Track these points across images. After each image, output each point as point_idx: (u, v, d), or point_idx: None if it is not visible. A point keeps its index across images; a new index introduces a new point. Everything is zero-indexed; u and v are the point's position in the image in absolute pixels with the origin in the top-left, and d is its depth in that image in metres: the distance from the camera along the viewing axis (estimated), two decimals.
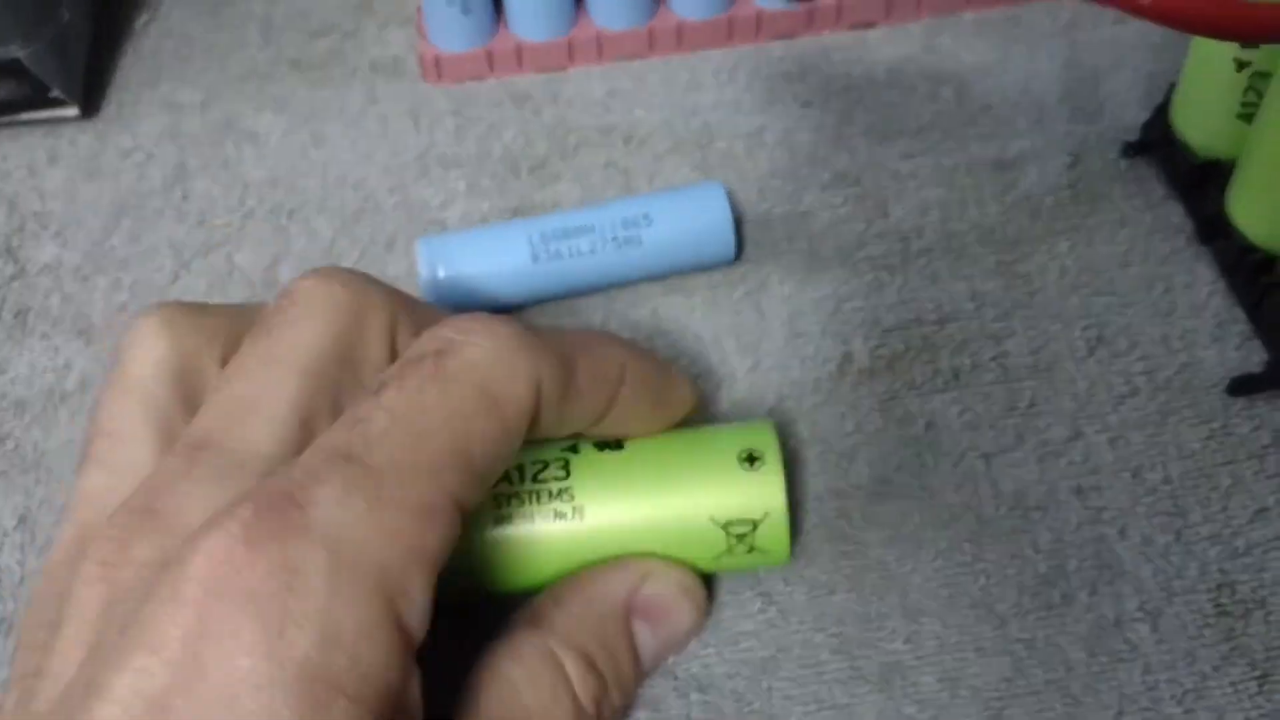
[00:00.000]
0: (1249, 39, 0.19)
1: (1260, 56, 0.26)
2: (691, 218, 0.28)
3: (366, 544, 0.17)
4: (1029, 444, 0.26)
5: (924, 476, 0.25)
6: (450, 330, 0.20)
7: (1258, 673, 0.23)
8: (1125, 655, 0.23)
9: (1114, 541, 0.24)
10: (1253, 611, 0.24)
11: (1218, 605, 0.24)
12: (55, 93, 0.33)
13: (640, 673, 0.23)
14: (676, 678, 0.23)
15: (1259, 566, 0.24)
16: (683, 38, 0.34)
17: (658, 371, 0.23)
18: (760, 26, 0.34)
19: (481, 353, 0.19)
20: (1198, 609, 0.24)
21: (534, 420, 0.20)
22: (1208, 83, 0.28)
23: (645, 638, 0.23)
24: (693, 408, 0.24)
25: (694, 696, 0.23)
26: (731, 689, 0.23)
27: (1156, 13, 0.19)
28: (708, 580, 0.24)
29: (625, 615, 0.22)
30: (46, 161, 0.33)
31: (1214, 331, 0.27)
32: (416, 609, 0.17)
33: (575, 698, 0.21)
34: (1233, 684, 0.23)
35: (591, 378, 0.21)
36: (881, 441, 0.26)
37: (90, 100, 0.34)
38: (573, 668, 0.21)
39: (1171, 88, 0.29)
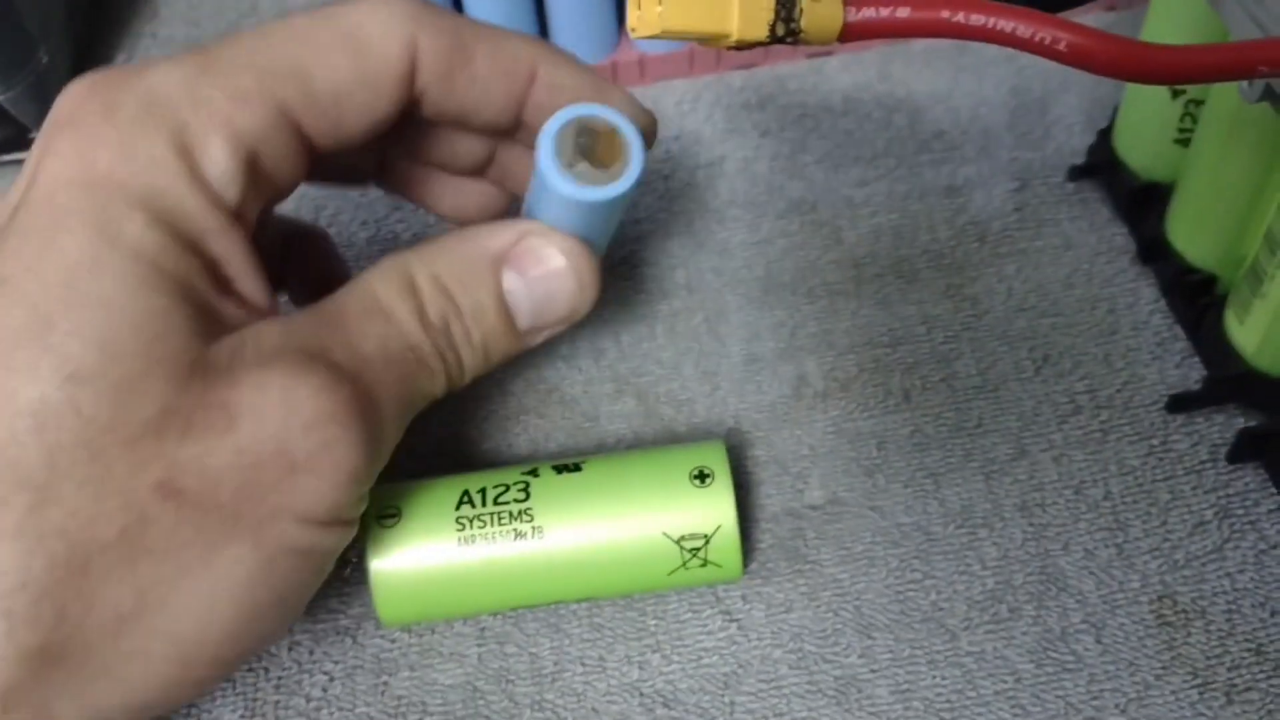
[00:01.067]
0: (1159, 82, 0.20)
1: (1194, 86, 0.27)
2: None
3: (174, 101, 0.20)
4: (976, 462, 0.27)
5: (875, 496, 0.26)
6: None
7: (1198, 681, 0.24)
8: (1070, 666, 0.24)
9: (1058, 556, 0.25)
10: (1193, 621, 0.25)
11: (1159, 616, 0.25)
12: (35, 135, 0.33)
13: (509, 322, 0.23)
14: (643, 694, 0.24)
15: (1198, 578, 0.25)
16: (645, 70, 0.35)
17: (586, 84, 0.23)
18: (720, 58, 0.35)
19: (366, 6, 0.22)
20: (1139, 620, 0.25)
21: (414, 86, 0.22)
22: (1146, 110, 0.29)
23: (517, 287, 0.23)
24: (648, 126, 0.24)
25: (660, 712, 0.24)
26: (695, 704, 0.24)
27: (1073, 58, 0.20)
28: (667, 598, 0.25)
29: (494, 261, 0.23)
30: None
31: (1154, 350, 0.28)
32: (217, 168, 0.20)
33: (422, 305, 0.22)
34: (1174, 692, 0.24)
35: (493, 67, 0.23)
36: (835, 462, 0.27)
37: None
38: (424, 283, 0.22)
39: (1115, 112, 0.30)
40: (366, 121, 0.22)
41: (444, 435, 0.28)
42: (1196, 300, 0.28)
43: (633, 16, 0.21)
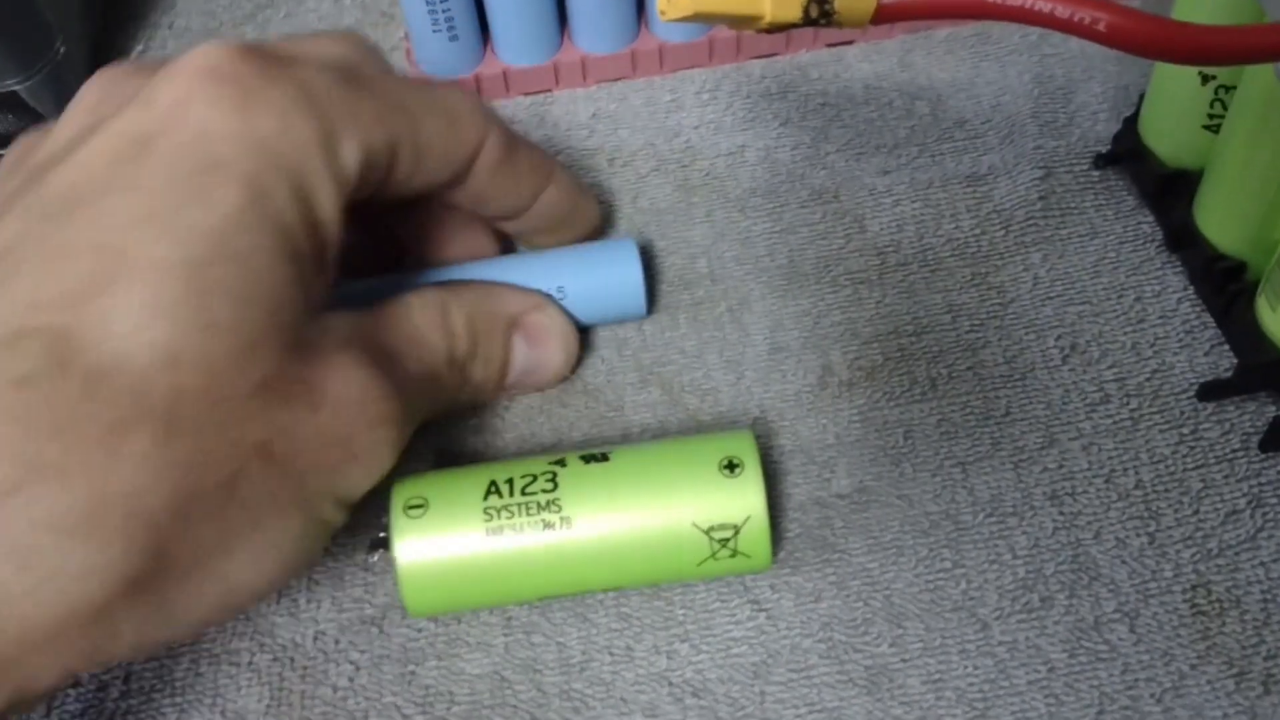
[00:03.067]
0: (1199, 63, 0.20)
1: (1224, 70, 0.27)
2: (604, 282, 0.28)
3: (326, 98, 0.21)
4: (1004, 451, 0.27)
5: (903, 485, 0.26)
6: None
7: (1234, 671, 0.24)
8: (1104, 655, 0.24)
9: (1089, 545, 0.25)
10: (1228, 611, 0.24)
11: (1193, 605, 0.24)
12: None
13: (504, 375, 0.27)
14: (671, 683, 0.24)
15: (1232, 567, 0.25)
16: (665, 59, 0.34)
17: (579, 191, 0.28)
18: (740, 47, 0.34)
19: (456, 93, 0.25)
20: (1174, 609, 0.24)
21: (472, 167, 0.25)
22: (1174, 95, 0.28)
23: (520, 350, 0.27)
24: (586, 220, 0.29)
25: (689, 701, 0.24)
26: (725, 694, 0.24)
27: (1112, 39, 0.19)
28: (695, 588, 0.25)
29: (510, 322, 0.26)
30: None
31: (1183, 338, 0.28)
32: (349, 169, 0.22)
33: (454, 336, 0.25)
34: (1210, 682, 0.24)
35: (529, 169, 0.26)
36: (862, 451, 0.27)
37: None
38: (459, 326, 0.25)
39: (1141, 99, 0.30)
40: (428, 183, 0.24)
41: (468, 425, 0.28)
42: (1226, 287, 0.27)
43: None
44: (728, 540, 0.24)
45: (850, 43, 0.35)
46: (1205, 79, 0.27)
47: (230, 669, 0.25)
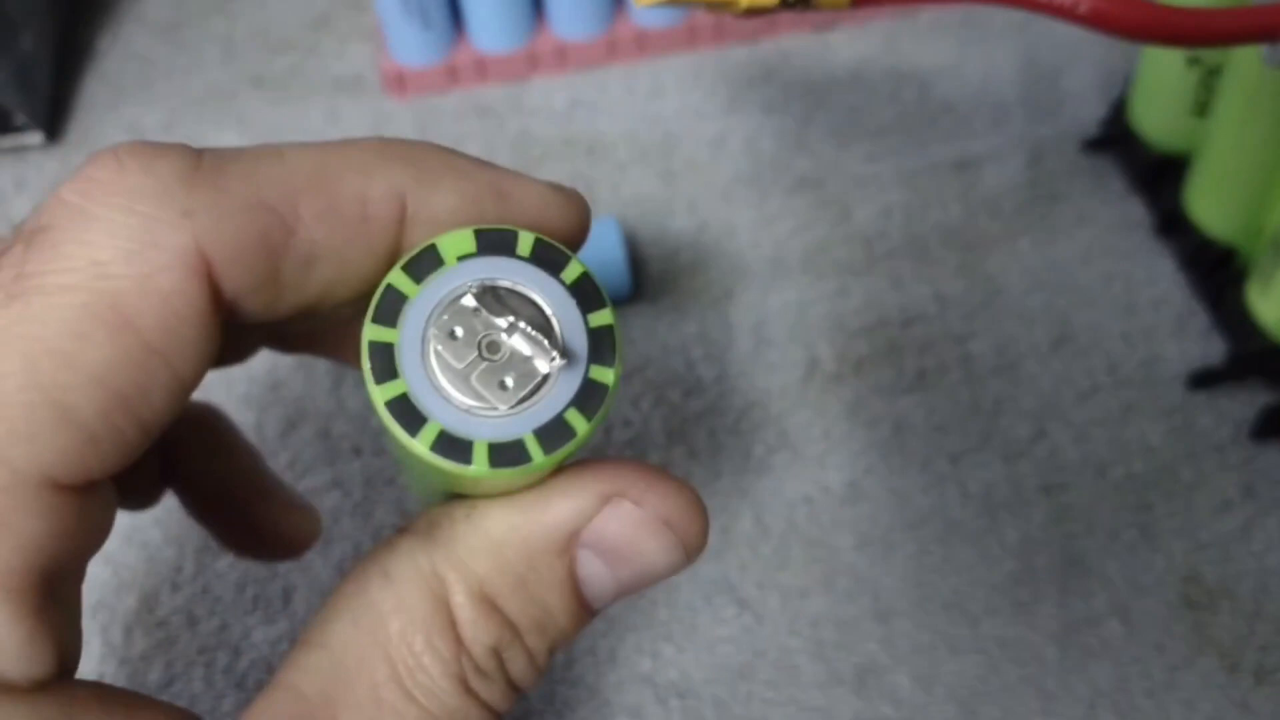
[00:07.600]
0: (1182, 46, 0.19)
1: (1210, 53, 0.27)
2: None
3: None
4: (994, 444, 0.26)
5: (891, 479, 0.26)
6: (65, 192, 0.13)
7: (1226, 662, 0.23)
8: (1096, 650, 0.24)
9: (1081, 538, 0.25)
10: (1219, 602, 0.24)
11: (1185, 598, 0.24)
12: (19, 120, 0.33)
13: (585, 615, 0.16)
14: (656, 684, 0.24)
15: (1224, 558, 0.24)
16: (644, 45, 0.34)
17: (484, 190, 0.15)
18: (722, 31, 0.34)
19: (94, 238, 0.13)
20: (1165, 602, 0.24)
21: (218, 306, 0.14)
22: (1161, 79, 0.28)
23: (598, 575, 0.15)
24: (573, 213, 0.16)
25: (673, 703, 0.24)
26: (711, 694, 0.24)
27: (1093, 21, 0.19)
28: (678, 588, 0.25)
29: (565, 548, 0.15)
30: (13, 188, 0.33)
31: (1174, 326, 0.28)
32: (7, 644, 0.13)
33: (459, 644, 0.15)
34: (1202, 675, 0.23)
35: (330, 210, 0.14)
36: (849, 445, 0.26)
37: (54, 126, 0.34)
38: (464, 604, 0.15)
39: (1129, 82, 0.30)
40: (169, 410, 0.14)
41: None
42: (1216, 274, 0.27)
43: None
44: None
45: (835, 27, 0.34)
46: (1191, 62, 0.27)
47: None
